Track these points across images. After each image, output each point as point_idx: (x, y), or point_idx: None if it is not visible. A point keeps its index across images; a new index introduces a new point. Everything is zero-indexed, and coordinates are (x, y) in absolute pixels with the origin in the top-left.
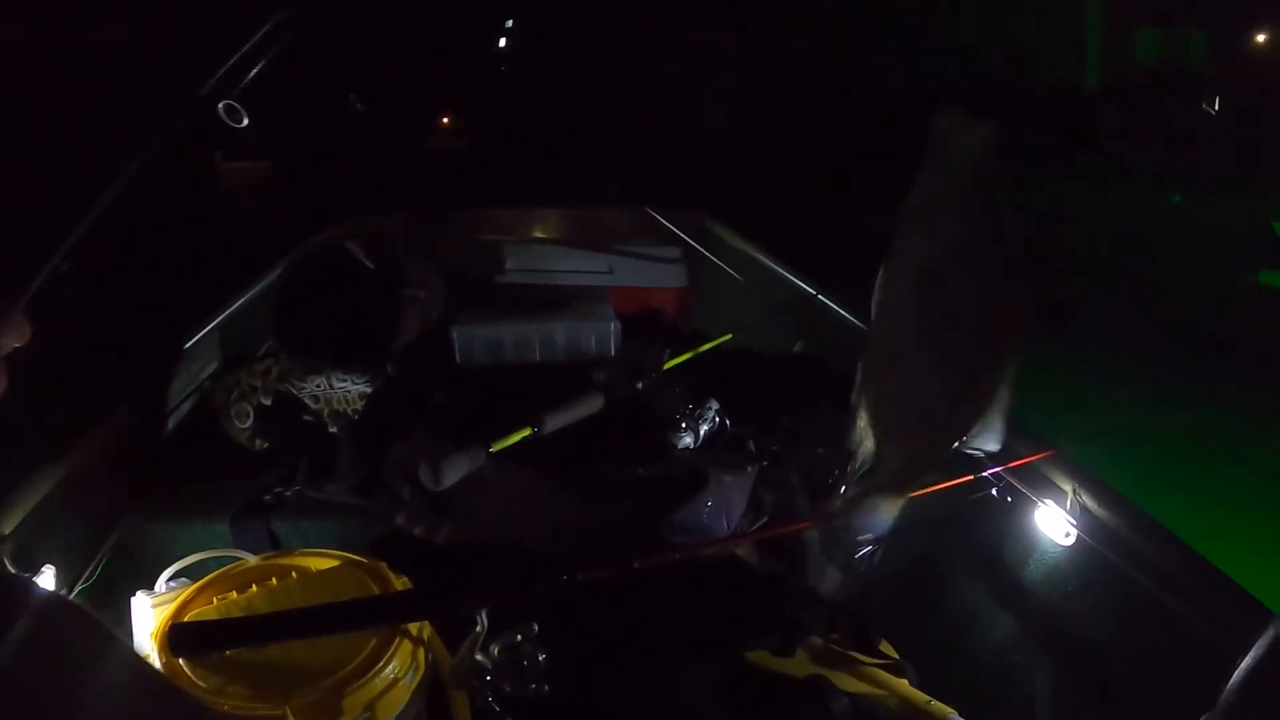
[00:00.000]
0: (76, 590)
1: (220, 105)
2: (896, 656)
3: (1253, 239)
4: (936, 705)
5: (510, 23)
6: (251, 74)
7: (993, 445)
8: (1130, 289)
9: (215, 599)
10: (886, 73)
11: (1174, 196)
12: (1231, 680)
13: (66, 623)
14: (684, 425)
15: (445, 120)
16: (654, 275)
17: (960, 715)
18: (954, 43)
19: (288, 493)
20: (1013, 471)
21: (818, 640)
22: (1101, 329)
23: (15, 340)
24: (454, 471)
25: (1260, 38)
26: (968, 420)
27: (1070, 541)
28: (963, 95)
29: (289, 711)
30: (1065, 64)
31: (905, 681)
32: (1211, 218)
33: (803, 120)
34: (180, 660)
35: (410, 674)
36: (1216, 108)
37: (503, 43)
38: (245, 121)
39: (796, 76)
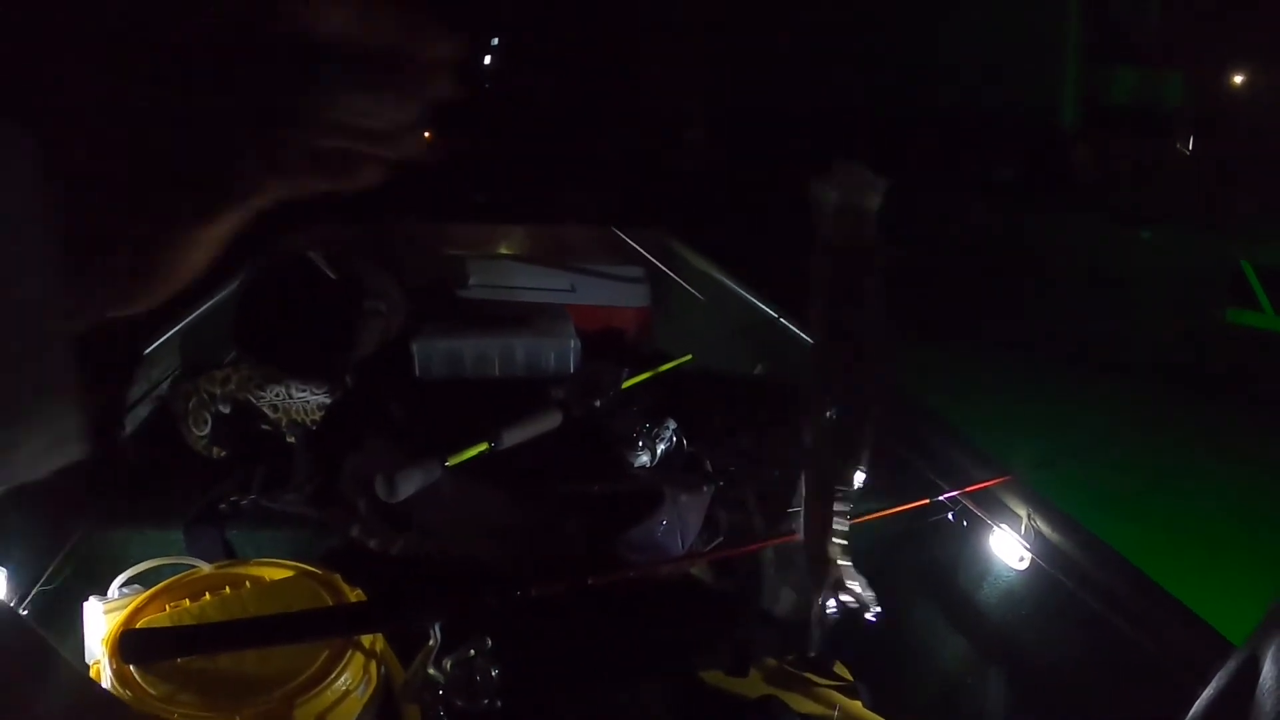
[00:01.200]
0: (32, 594)
1: None
2: (850, 678)
3: (1221, 277)
4: None
5: (495, 41)
6: None
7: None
8: (1097, 321)
9: (168, 606)
10: (861, 101)
11: (1144, 232)
12: (1194, 708)
13: (5, 632)
14: (641, 444)
15: (425, 134)
16: (616, 294)
17: None
18: (932, 74)
19: (243, 502)
20: (968, 495)
21: (771, 661)
22: (1060, 358)
23: None
24: (409, 484)
25: (1235, 80)
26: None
27: (1024, 565)
28: (940, 126)
29: None
30: (1041, 99)
31: (859, 703)
32: (1181, 255)
33: (774, 144)
34: (131, 667)
35: (362, 687)
36: (1190, 148)
37: (487, 60)
38: None
39: (773, 104)
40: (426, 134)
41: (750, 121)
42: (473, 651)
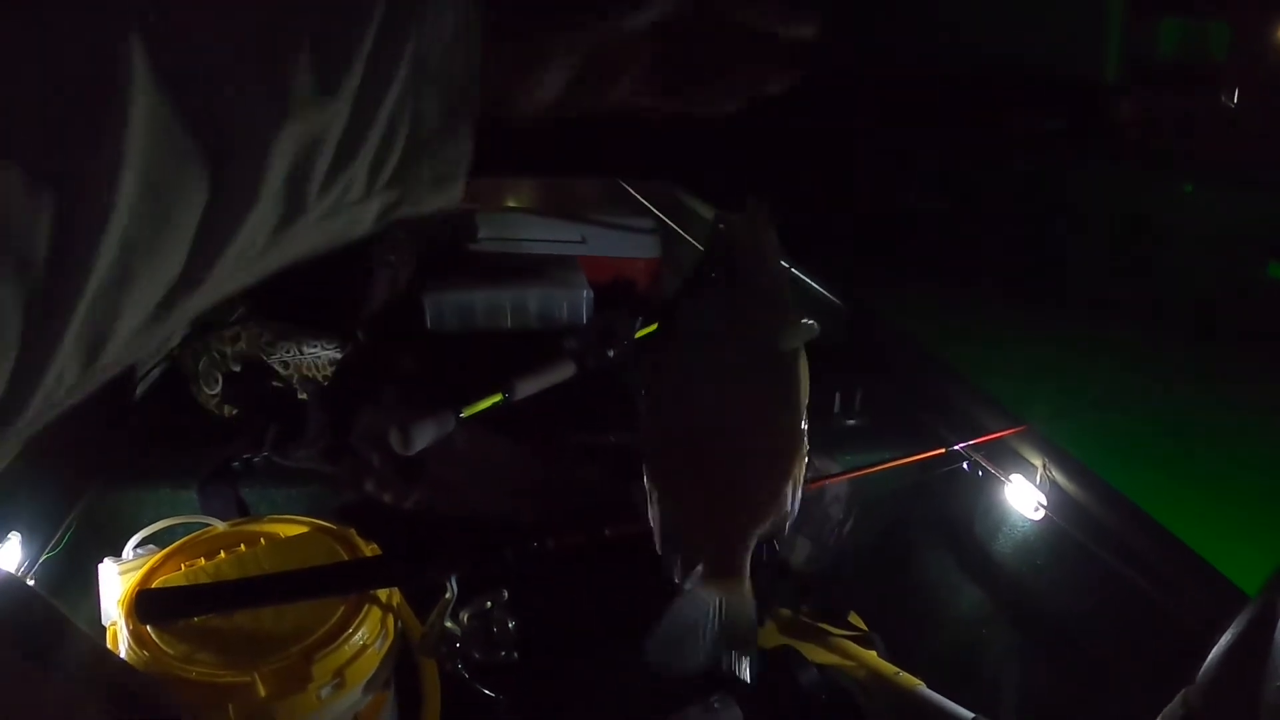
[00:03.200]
0: (43, 558)
1: None
2: (865, 628)
3: (1264, 231)
4: (904, 676)
5: None
6: None
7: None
8: (1138, 275)
9: (183, 565)
10: (901, 55)
11: (1186, 186)
12: (1210, 656)
13: (21, 606)
14: None
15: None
16: (627, 246)
17: (927, 686)
18: (974, 28)
19: (256, 459)
20: (983, 446)
21: (786, 612)
22: (1098, 310)
23: None
24: (423, 436)
25: None
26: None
27: (1039, 516)
28: (981, 80)
29: (257, 678)
30: (1085, 52)
31: (873, 653)
32: (1223, 208)
33: (798, 97)
34: (147, 627)
35: (379, 640)
36: (1236, 100)
37: None
38: None
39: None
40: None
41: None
42: (489, 604)
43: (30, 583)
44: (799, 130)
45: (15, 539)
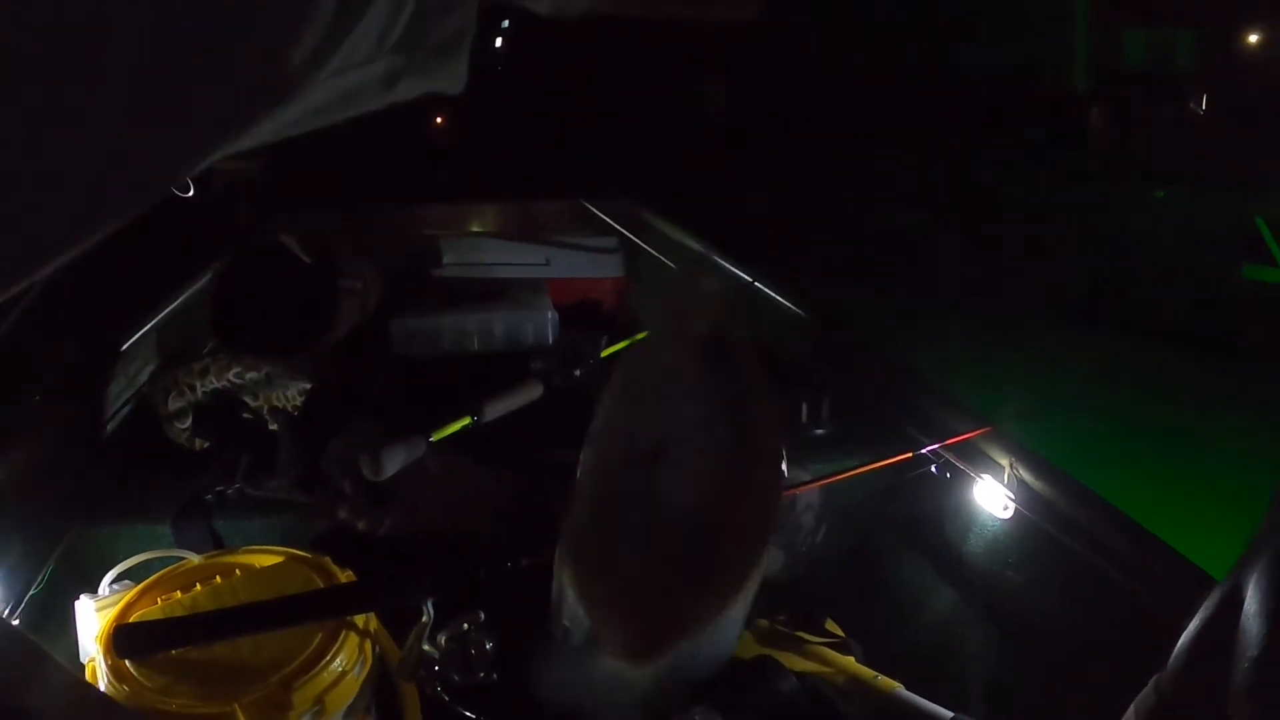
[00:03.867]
0: (26, 598)
1: None
2: (842, 634)
3: (1237, 234)
4: (883, 680)
5: (506, 23)
6: None
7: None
8: (1112, 281)
9: (159, 599)
10: (868, 69)
11: (1157, 193)
12: (1180, 640)
13: (1, 644)
14: None
15: (439, 119)
16: (591, 266)
17: (906, 688)
18: (942, 42)
19: (229, 491)
20: (950, 448)
21: (763, 621)
22: (1074, 317)
23: None
24: (394, 461)
25: (1248, 38)
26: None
27: (1008, 514)
28: (950, 94)
29: (237, 708)
30: (1054, 64)
31: (851, 658)
32: (1196, 213)
33: (772, 114)
34: (126, 662)
35: (358, 666)
36: (1204, 107)
37: (498, 42)
38: (191, 191)
39: (769, 69)
40: (440, 119)
41: (756, 91)
42: (466, 625)
43: (15, 622)
44: (769, 143)
45: None
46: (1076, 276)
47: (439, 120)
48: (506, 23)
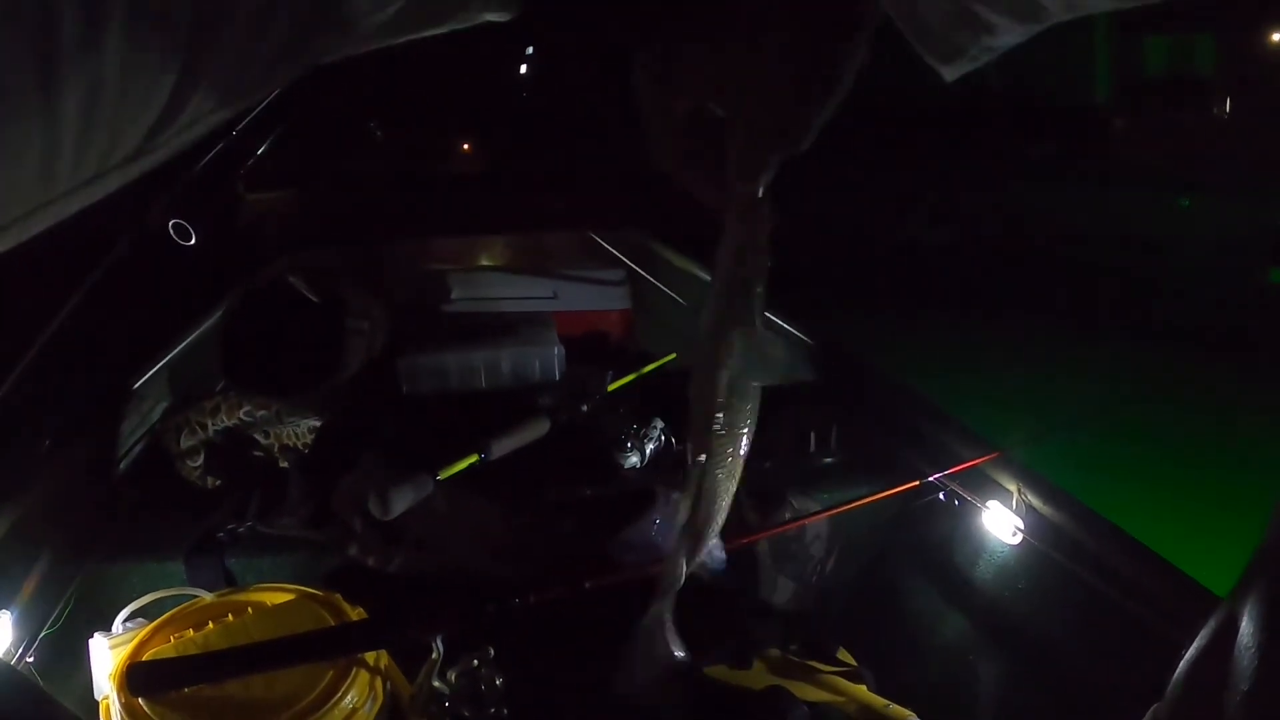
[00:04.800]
0: (42, 635)
1: (170, 224)
2: (854, 663)
3: (1262, 239)
4: (895, 709)
5: (530, 49)
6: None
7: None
8: (1139, 290)
9: (172, 637)
10: (892, 77)
11: (1182, 200)
12: (1177, 670)
13: (7, 690)
14: (630, 445)
15: (465, 146)
16: (597, 298)
17: (919, 717)
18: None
19: (241, 529)
20: (958, 474)
21: (774, 651)
22: (1101, 327)
23: None
24: (402, 500)
25: (1269, 39)
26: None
27: (1017, 541)
28: (973, 103)
29: None
30: (1075, 73)
31: (863, 687)
32: (1221, 219)
33: None
34: (139, 700)
35: (369, 703)
36: (1227, 112)
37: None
38: (193, 240)
39: None
40: (465, 146)
41: None
42: (476, 661)
43: (30, 660)
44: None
45: (6, 618)
46: (1101, 285)
47: (465, 148)
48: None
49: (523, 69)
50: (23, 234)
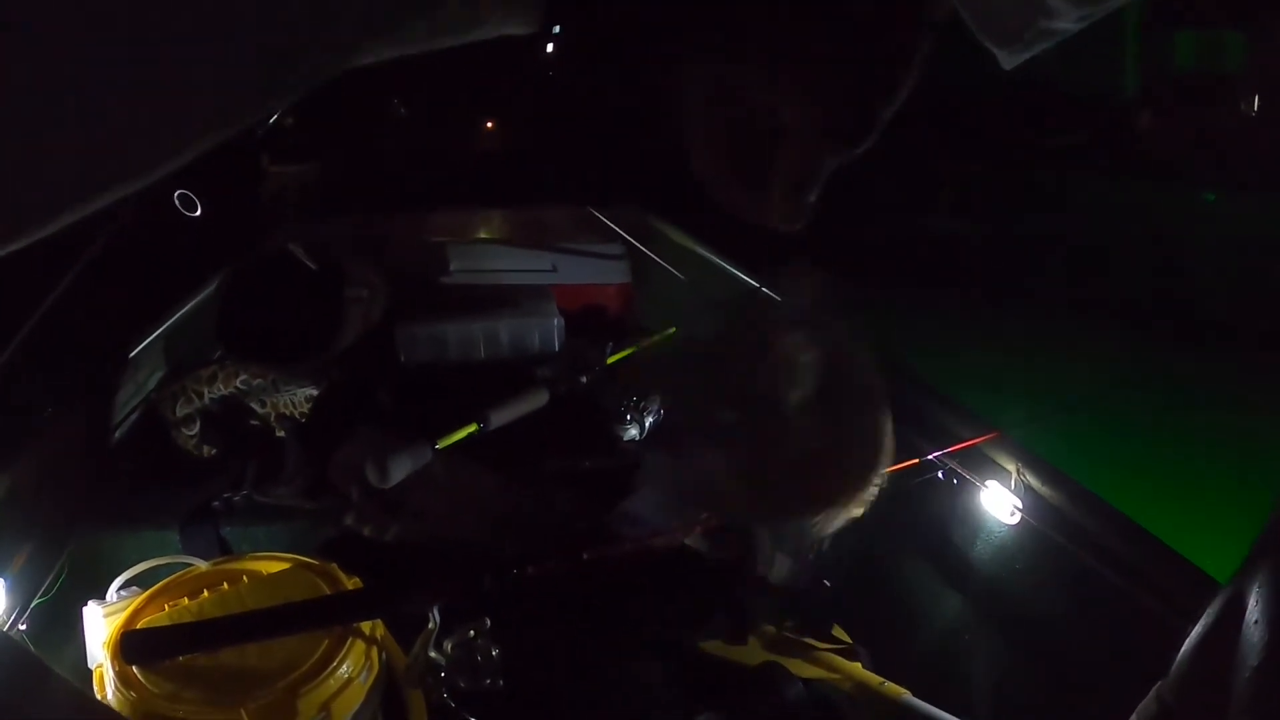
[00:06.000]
0: (35, 603)
1: (175, 195)
2: (849, 640)
3: None
4: (890, 686)
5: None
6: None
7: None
8: (1161, 285)
9: (167, 606)
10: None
11: (1208, 195)
12: (1182, 649)
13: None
14: (629, 418)
15: (489, 124)
16: (597, 272)
17: (913, 695)
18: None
19: (236, 498)
20: (957, 454)
21: (770, 627)
22: (1122, 322)
23: None
24: (400, 469)
25: None
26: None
27: (1015, 520)
28: (999, 95)
29: (244, 714)
30: (1103, 66)
31: (858, 665)
32: (1246, 217)
33: None
34: (133, 668)
35: (364, 673)
36: (1255, 109)
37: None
38: (199, 211)
39: None
40: (489, 123)
41: None
42: (472, 632)
43: (22, 627)
44: None
45: (1, 585)
46: (1125, 280)
47: (489, 125)
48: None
49: (549, 47)
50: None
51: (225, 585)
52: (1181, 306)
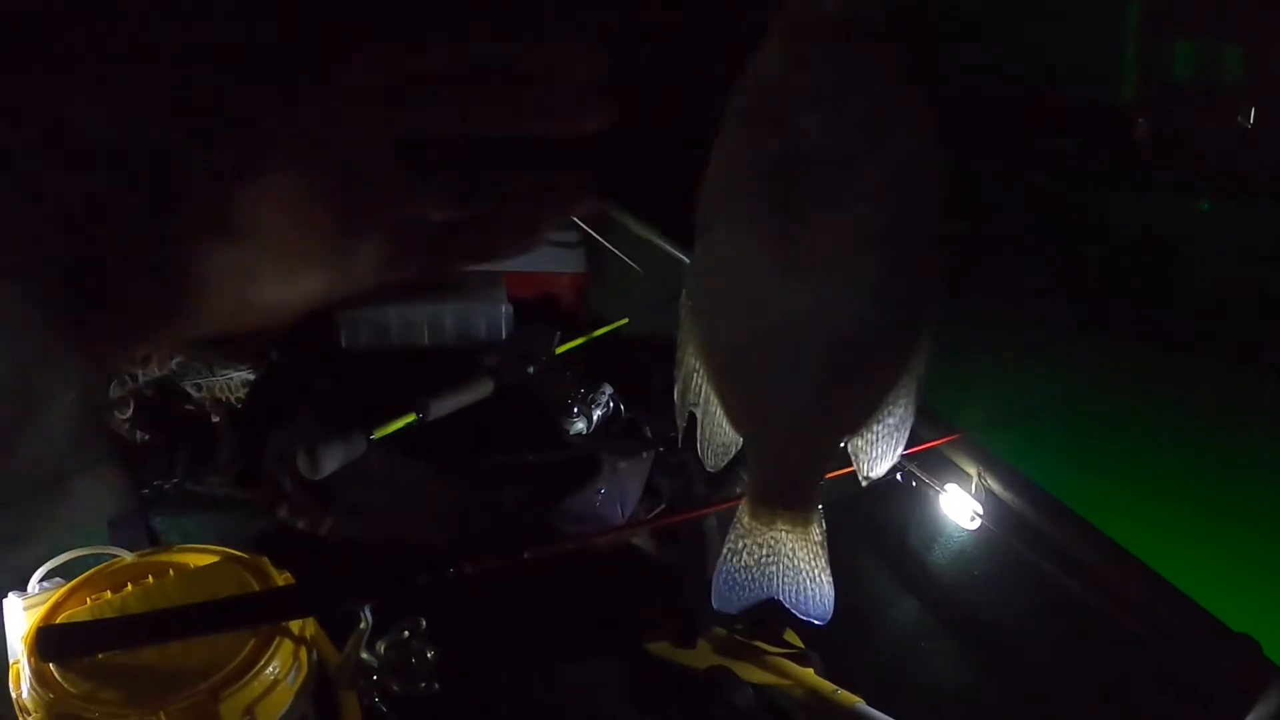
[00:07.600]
0: None
1: None
2: (801, 645)
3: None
4: (843, 694)
5: None
6: None
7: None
8: (1153, 293)
9: (89, 599)
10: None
11: (1203, 205)
12: None
13: None
14: (577, 410)
15: None
16: (550, 260)
17: (867, 703)
18: (987, 49)
19: (167, 486)
20: (916, 456)
21: (719, 630)
22: (1109, 328)
23: None
24: (332, 459)
25: None
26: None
27: (975, 526)
28: (995, 102)
29: (163, 717)
30: (1099, 74)
31: (811, 670)
32: (1241, 226)
33: None
34: (50, 665)
35: (293, 675)
36: (1252, 120)
37: None
38: None
39: None
40: None
41: None
42: (406, 633)
43: None
44: None
45: None
46: (1109, 283)
47: None
48: None
49: None
50: None
51: (150, 579)
52: (1162, 313)
